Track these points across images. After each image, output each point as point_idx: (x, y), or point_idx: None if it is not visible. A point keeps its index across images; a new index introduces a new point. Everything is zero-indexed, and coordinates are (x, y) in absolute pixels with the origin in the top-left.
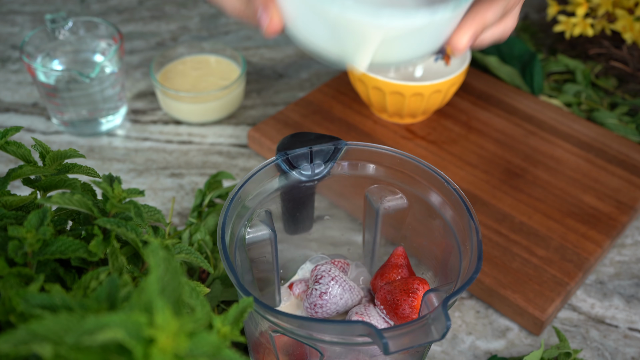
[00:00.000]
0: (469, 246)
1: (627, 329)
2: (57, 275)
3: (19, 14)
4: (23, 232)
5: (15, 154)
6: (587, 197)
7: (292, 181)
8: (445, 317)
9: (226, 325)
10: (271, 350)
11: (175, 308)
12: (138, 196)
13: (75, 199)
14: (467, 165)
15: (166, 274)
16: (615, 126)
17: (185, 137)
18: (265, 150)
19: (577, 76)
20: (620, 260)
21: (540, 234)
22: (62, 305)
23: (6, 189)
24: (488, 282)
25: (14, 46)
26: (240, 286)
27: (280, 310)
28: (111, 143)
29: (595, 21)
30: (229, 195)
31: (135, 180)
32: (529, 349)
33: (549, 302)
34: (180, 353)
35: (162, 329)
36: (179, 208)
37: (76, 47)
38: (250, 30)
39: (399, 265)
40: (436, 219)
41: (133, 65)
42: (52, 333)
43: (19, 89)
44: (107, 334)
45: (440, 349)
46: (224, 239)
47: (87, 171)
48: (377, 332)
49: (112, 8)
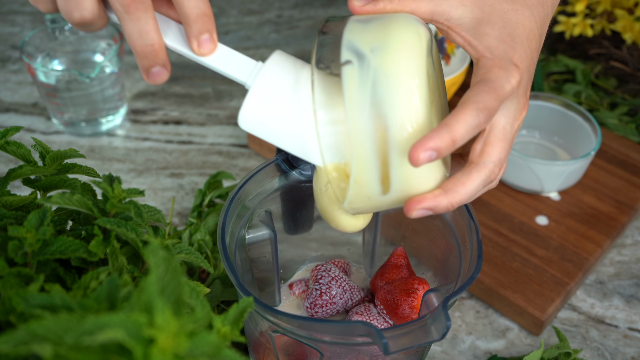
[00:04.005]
0: (469, 246)
1: (627, 329)
2: (57, 275)
3: (19, 14)
4: (23, 232)
5: (15, 154)
6: (587, 197)
7: (292, 181)
8: (445, 317)
9: (226, 325)
10: (271, 350)
11: (175, 308)
12: (138, 196)
13: (75, 199)
14: None
15: (166, 274)
16: (615, 126)
17: (185, 137)
18: (265, 150)
19: (577, 76)
20: (620, 260)
21: (540, 234)
22: (62, 306)
23: (6, 189)
24: (488, 282)
25: (14, 46)
26: (240, 286)
27: (280, 310)
28: (111, 143)
29: (595, 21)
30: (229, 195)
31: (135, 180)
32: (528, 349)
33: (549, 302)
34: (180, 353)
35: (162, 329)
36: (179, 208)
37: (76, 47)
38: (250, 30)
39: (398, 265)
40: (436, 219)
41: (133, 65)
42: (52, 333)
43: (19, 89)
44: (107, 334)
45: (440, 349)
46: (224, 239)
47: (87, 171)
48: (377, 332)
49: None
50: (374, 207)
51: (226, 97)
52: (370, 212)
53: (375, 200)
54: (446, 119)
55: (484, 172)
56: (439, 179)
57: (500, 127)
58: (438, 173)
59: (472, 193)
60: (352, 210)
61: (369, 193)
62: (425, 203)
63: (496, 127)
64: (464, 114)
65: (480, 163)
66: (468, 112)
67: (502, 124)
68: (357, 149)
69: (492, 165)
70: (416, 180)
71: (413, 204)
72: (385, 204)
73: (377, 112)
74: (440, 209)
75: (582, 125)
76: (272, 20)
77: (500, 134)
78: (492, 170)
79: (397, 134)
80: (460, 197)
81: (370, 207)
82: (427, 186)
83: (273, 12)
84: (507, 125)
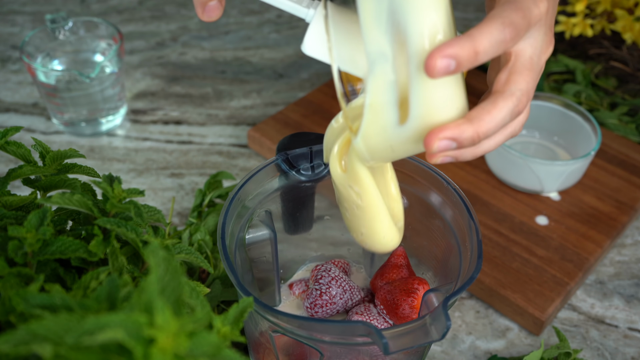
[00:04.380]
0: (469, 246)
1: (627, 329)
2: (57, 275)
3: (19, 14)
4: (23, 232)
5: (15, 154)
6: (587, 197)
7: (292, 181)
8: (445, 317)
9: (226, 325)
10: (271, 351)
11: (175, 308)
12: (138, 196)
13: (75, 199)
14: (467, 165)
15: (166, 274)
16: (615, 126)
17: (185, 137)
18: (265, 150)
19: (577, 76)
20: (620, 260)
21: (540, 234)
22: (62, 306)
23: (6, 189)
24: (488, 282)
25: (14, 46)
26: (240, 286)
27: (280, 310)
28: (111, 143)
29: (595, 21)
30: (229, 195)
31: (135, 180)
32: (529, 349)
33: (549, 302)
34: (180, 353)
35: (162, 329)
36: (179, 208)
37: (76, 47)
38: (250, 30)
39: (399, 266)
40: (436, 218)
41: (133, 65)
42: (52, 333)
43: (19, 89)
44: (107, 334)
45: (440, 349)
46: (224, 239)
47: (87, 171)
48: (377, 332)
49: (112, 8)
50: (390, 144)
51: (226, 97)
52: (386, 156)
53: (392, 134)
54: (469, 30)
55: (512, 101)
56: (461, 108)
57: (527, 57)
58: (460, 101)
59: (499, 123)
60: (368, 152)
61: (385, 122)
62: (447, 132)
63: (522, 56)
64: (489, 26)
65: (506, 91)
66: (493, 25)
67: (529, 53)
68: (373, 66)
69: (520, 94)
70: (437, 104)
71: (434, 134)
72: (403, 141)
73: (394, 21)
74: (465, 141)
75: (582, 125)
76: (272, 20)
77: (527, 64)
78: (520, 100)
79: (415, 45)
80: (487, 126)
81: (386, 145)
82: (449, 114)
83: (273, 12)
84: (534, 56)
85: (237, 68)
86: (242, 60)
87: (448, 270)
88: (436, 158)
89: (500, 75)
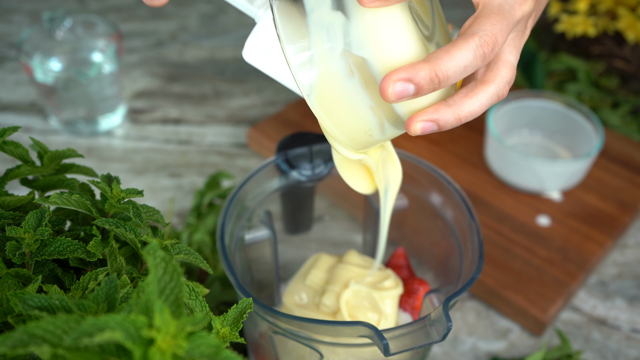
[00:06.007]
0: (470, 247)
1: (630, 330)
2: (55, 276)
3: (17, 12)
4: (21, 232)
5: (12, 153)
6: (589, 197)
7: (292, 181)
8: (446, 318)
9: (225, 326)
10: (271, 351)
11: (175, 309)
12: (137, 196)
13: (74, 199)
14: (468, 165)
15: (165, 274)
16: (617, 126)
17: (184, 137)
18: (265, 150)
19: (579, 75)
20: (622, 261)
21: (541, 234)
22: (60, 306)
23: (4, 189)
24: (489, 283)
25: (11, 45)
26: (239, 287)
27: (280, 311)
28: (110, 143)
29: (598, 20)
30: (229, 195)
31: (134, 181)
32: (530, 350)
33: (551, 303)
34: (180, 354)
35: (161, 330)
36: (178, 208)
37: (74, 46)
38: (249, 29)
39: (399, 266)
40: (437, 219)
41: (132, 64)
42: (50, 334)
43: (16, 88)
44: (105, 335)
45: (441, 350)
46: (223, 239)
47: (85, 171)
48: (378, 333)
49: (111, 6)
50: (346, 101)
51: (225, 97)
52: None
53: (345, 87)
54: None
55: (473, 40)
56: (414, 51)
57: (497, 3)
58: (413, 44)
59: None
60: (325, 114)
61: (334, 70)
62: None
63: (491, 2)
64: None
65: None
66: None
67: (499, 1)
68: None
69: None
70: (384, 45)
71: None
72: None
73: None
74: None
75: (584, 125)
76: None
77: (496, 9)
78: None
79: None
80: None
81: (342, 103)
82: (399, 56)
83: None
84: (504, 4)
85: (236, 67)
86: (241, 60)
87: (449, 271)
88: (414, 125)
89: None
